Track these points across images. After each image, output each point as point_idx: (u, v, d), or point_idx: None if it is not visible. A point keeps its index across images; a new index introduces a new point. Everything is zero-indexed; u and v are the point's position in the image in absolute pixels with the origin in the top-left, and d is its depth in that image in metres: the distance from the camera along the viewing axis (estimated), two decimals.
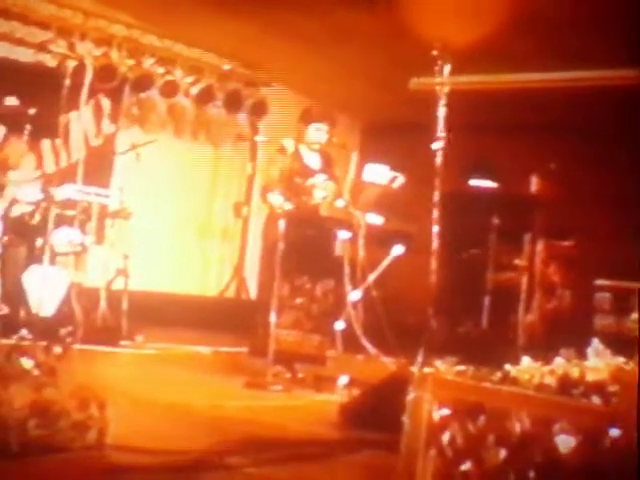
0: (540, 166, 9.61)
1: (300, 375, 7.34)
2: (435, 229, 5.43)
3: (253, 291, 12.00)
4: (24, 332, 7.14)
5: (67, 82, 10.11)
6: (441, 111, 5.59)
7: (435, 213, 5.44)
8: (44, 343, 6.77)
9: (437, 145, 5.49)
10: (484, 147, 10.66)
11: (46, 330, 7.32)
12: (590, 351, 3.62)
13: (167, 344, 8.81)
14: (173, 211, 11.95)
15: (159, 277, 11.44)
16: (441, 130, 5.56)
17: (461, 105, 5.83)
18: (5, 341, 5.53)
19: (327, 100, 9.87)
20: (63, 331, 7.61)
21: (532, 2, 7.92)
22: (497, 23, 8.03)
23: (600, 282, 9.54)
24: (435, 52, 5.52)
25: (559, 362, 3.53)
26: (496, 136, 10.97)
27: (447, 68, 5.52)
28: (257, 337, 7.53)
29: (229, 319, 10.26)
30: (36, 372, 3.44)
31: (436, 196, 5.43)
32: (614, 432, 3.06)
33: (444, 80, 5.64)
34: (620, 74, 8.98)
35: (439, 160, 5.47)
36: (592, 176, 10.36)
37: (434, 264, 5.31)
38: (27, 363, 3.45)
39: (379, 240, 7.61)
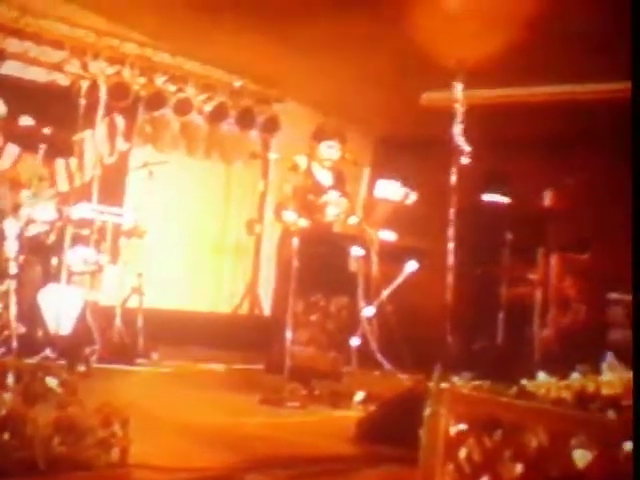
0: (553, 180, 9.61)
1: (316, 391, 7.35)
2: (450, 245, 5.44)
3: (266, 308, 12.01)
4: (48, 351, 7.19)
5: (81, 101, 10.16)
6: (454, 126, 5.62)
7: (450, 229, 5.45)
8: (66, 362, 6.84)
9: (451, 161, 5.51)
10: (496, 162, 10.67)
11: (67, 349, 7.36)
12: (605, 365, 3.63)
13: (182, 362, 8.85)
14: (186, 229, 11.98)
15: (173, 295, 11.46)
16: (455, 145, 5.59)
17: (473, 120, 5.85)
18: (28, 360, 5.53)
19: (339, 116, 9.89)
20: (87, 350, 7.66)
21: (541, 15, 7.93)
22: (509, 37, 8.06)
23: (613, 296, 9.51)
24: (449, 67, 5.54)
25: (575, 377, 3.53)
26: (508, 151, 10.97)
27: (460, 84, 5.55)
28: (272, 354, 7.55)
29: (242, 336, 10.28)
30: (60, 390, 3.47)
31: (451, 212, 5.44)
32: (628, 446, 3.07)
33: (456, 95, 5.66)
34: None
35: (454, 176, 5.49)
36: (605, 189, 10.34)
37: (449, 280, 5.32)
38: (52, 382, 3.48)
39: (392, 256, 7.65)
